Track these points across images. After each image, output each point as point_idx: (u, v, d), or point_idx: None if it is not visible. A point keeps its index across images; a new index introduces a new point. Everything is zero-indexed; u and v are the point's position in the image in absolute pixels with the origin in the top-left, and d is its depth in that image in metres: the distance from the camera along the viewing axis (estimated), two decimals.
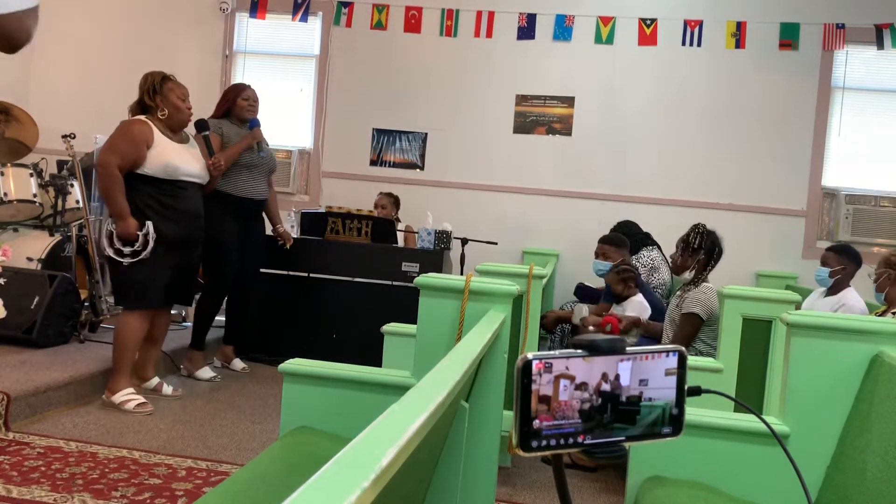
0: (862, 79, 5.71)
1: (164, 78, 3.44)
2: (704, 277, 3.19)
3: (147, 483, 2.47)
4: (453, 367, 1.07)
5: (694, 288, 3.16)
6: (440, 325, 1.91)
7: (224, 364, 4.27)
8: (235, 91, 4.12)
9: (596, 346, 0.75)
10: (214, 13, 6.27)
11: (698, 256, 3.19)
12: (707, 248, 3.19)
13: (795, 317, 1.73)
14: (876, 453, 1.49)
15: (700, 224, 3.29)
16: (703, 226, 3.27)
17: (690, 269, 3.20)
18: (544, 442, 0.72)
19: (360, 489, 0.50)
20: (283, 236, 4.43)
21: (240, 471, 1.57)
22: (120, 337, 3.33)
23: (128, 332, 3.33)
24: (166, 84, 3.43)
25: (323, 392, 1.88)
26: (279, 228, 4.42)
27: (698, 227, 3.25)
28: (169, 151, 3.36)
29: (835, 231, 5.63)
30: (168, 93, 3.42)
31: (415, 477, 1.30)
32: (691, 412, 1.64)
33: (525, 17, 5.94)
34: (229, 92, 4.17)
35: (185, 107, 3.48)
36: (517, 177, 5.96)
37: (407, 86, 6.09)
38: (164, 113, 3.41)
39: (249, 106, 4.06)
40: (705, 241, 3.19)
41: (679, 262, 3.24)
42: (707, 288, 3.15)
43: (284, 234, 4.44)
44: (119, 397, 3.28)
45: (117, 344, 3.33)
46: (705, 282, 3.19)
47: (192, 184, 3.49)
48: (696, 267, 3.19)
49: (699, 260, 3.19)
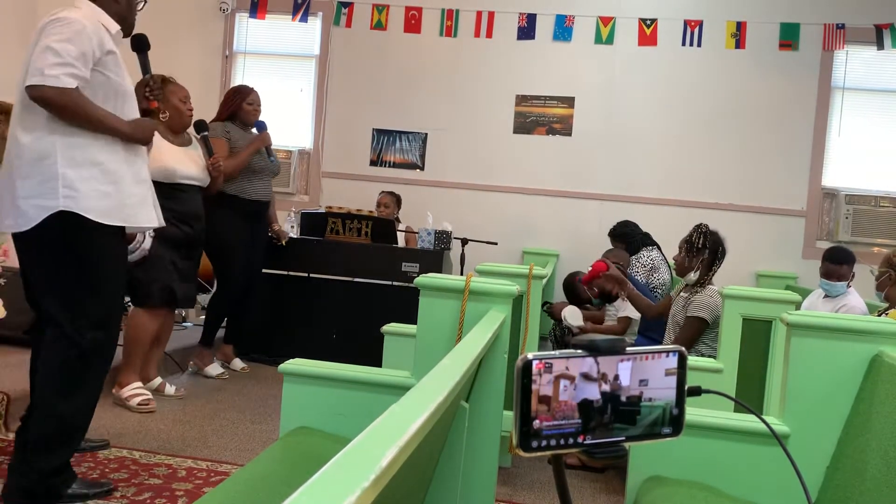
0: (862, 79, 5.71)
1: (165, 80, 3.44)
2: (710, 279, 3.18)
3: (147, 483, 2.47)
4: (453, 368, 1.07)
5: (700, 290, 3.14)
6: (440, 325, 1.91)
7: (224, 364, 4.28)
8: (240, 95, 4.11)
9: (596, 346, 0.75)
10: (214, 13, 6.27)
11: (702, 256, 3.17)
12: (711, 248, 3.17)
13: (795, 317, 1.73)
14: (876, 453, 1.49)
15: (703, 224, 3.27)
16: (705, 226, 3.25)
17: (695, 270, 3.18)
18: (544, 442, 0.72)
19: (360, 489, 0.50)
20: (280, 234, 4.48)
21: (240, 471, 1.57)
22: (130, 333, 3.38)
23: (136, 328, 3.39)
24: (167, 86, 3.41)
25: (323, 392, 1.88)
26: (275, 226, 4.47)
27: (701, 228, 3.24)
28: (166, 155, 3.36)
29: (835, 231, 5.63)
30: (169, 95, 3.41)
31: (415, 477, 1.30)
32: (691, 412, 1.64)
33: (525, 18, 5.94)
34: (233, 95, 4.15)
35: (186, 108, 3.48)
36: (517, 177, 5.96)
37: (407, 86, 6.09)
38: (165, 115, 3.41)
39: (254, 110, 4.09)
40: (708, 241, 3.18)
41: (684, 264, 3.22)
42: (713, 291, 3.14)
43: (281, 233, 4.49)
44: (127, 391, 3.33)
45: (127, 340, 3.38)
46: (710, 284, 3.18)
47: (192, 186, 3.50)
48: (701, 268, 3.18)
49: (703, 260, 3.17)
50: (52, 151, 2.22)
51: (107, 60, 2.31)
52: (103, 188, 2.29)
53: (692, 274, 3.18)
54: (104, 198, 2.29)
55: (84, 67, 2.22)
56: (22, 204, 2.19)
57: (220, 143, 3.88)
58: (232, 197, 3.96)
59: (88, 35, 2.23)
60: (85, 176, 2.26)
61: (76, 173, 2.24)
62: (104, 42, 2.29)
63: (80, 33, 2.22)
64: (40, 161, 2.21)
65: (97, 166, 2.29)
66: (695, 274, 3.18)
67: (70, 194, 2.21)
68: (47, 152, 2.21)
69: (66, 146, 2.24)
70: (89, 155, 2.28)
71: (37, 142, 2.22)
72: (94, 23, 2.29)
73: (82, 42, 2.22)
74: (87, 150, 2.28)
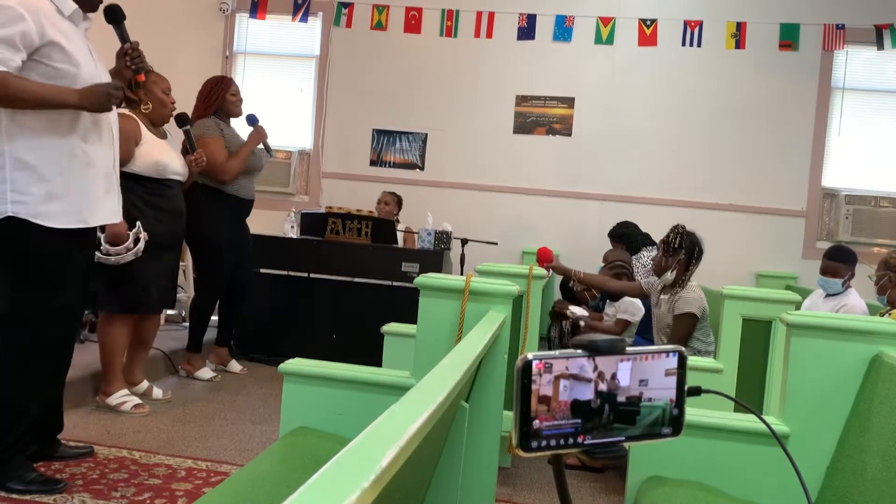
0: (862, 79, 5.71)
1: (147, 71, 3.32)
2: (688, 278, 3.23)
3: (147, 483, 2.47)
4: (453, 368, 1.07)
5: (681, 290, 3.20)
6: (440, 325, 1.91)
7: (220, 366, 4.19)
8: (222, 86, 3.92)
9: (596, 346, 0.75)
10: (214, 13, 6.27)
11: (679, 257, 3.22)
12: (687, 249, 3.22)
13: (795, 317, 1.73)
14: (876, 453, 1.49)
15: (679, 225, 3.32)
16: (682, 226, 3.30)
17: (672, 270, 3.23)
18: (544, 442, 0.72)
19: (360, 489, 0.50)
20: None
21: (240, 471, 1.57)
22: (102, 341, 3.24)
23: (108, 336, 3.23)
24: (150, 77, 3.20)
25: (323, 392, 1.88)
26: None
27: (678, 228, 3.29)
28: (157, 149, 3.24)
29: (835, 231, 5.63)
30: (152, 86, 3.28)
31: (415, 477, 1.30)
32: (691, 412, 1.64)
33: (525, 18, 5.94)
34: (214, 87, 3.93)
35: (169, 101, 3.37)
36: (517, 177, 5.97)
37: (407, 86, 6.10)
38: (147, 107, 3.28)
39: (238, 100, 3.96)
40: (685, 241, 3.22)
41: (661, 264, 3.27)
42: (694, 286, 3.23)
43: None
44: (115, 399, 3.23)
45: (101, 348, 3.25)
46: (689, 282, 3.23)
47: (178, 182, 3.37)
48: (678, 268, 3.22)
49: (680, 260, 3.22)
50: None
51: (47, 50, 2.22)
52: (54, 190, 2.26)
53: (669, 274, 3.23)
54: (53, 200, 2.25)
55: (10, 52, 2.14)
56: None
57: (217, 141, 3.77)
58: (229, 196, 3.86)
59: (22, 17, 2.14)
60: (34, 179, 2.22)
61: (25, 177, 2.21)
62: (45, 27, 2.19)
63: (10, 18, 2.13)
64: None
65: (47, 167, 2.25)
66: (671, 274, 3.22)
67: (19, 199, 2.20)
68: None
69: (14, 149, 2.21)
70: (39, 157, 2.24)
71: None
72: (34, 8, 2.17)
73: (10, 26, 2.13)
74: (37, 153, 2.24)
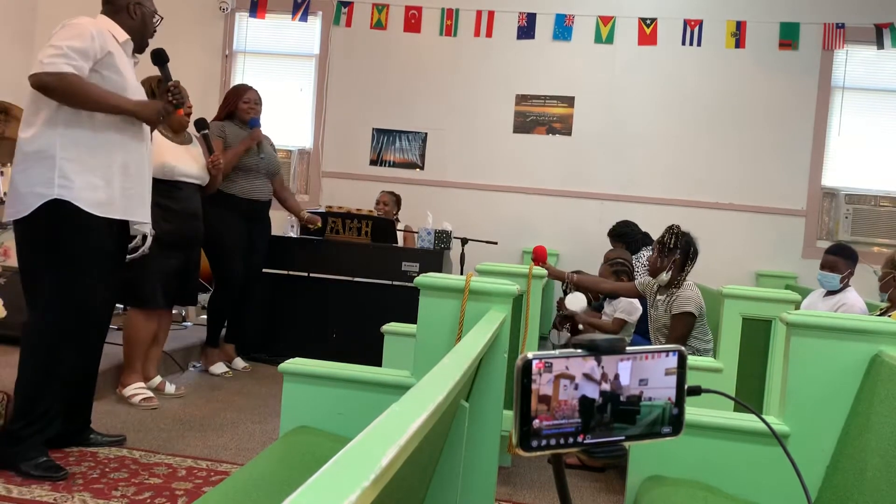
0: (862, 79, 5.71)
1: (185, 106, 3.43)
2: (683, 278, 3.23)
3: (147, 483, 2.47)
4: (453, 367, 1.07)
5: (677, 290, 3.20)
6: (440, 325, 1.91)
7: (227, 363, 4.30)
8: (236, 94, 4.19)
9: (596, 346, 0.75)
10: (214, 13, 6.27)
11: (674, 257, 3.21)
12: (683, 249, 3.22)
13: (795, 317, 1.73)
14: (876, 453, 1.49)
15: (674, 225, 3.31)
16: (677, 227, 3.30)
17: (667, 271, 3.23)
18: (544, 442, 0.72)
19: (360, 489, 0.50)
20: (311, 220, 4.45)
21: (240, 471, 1.57)
22: (127, 334, 3.45)
23: (132, 329, 3.44)
24: None
25: (323, 392, 1.88)
26: (303, 215, 4.44)
27: (673, 229, 3.28)
28: (166, 152, 3.39)
29: (835, 231, 5.63)
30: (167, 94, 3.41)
31: (415, 476, 1.30)
32: (691, 412, 1.64)
33: (525, 17, 5.94)
34: (230, 94, 4.24)
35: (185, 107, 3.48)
36: (517, 177, 5.97)
37: (407, 86, 6.10)
38: None
39: (249, 108, 4.13)
40: (680, 241, 3.22)
41: (656, 264, 3.27)
42: (691, 286, 3.23)
43: (311, 219, 4.46)
44: (129, 391, 3.40)
45: (126, 341, 3.46)
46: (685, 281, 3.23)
47: (190, 184, 3.53)
48: (673, 268, 3.22)
49: (675, 261, 3.21)
50: (51, 146, 2.39)
51: (106, 61, 2.46)
52: (97, 182, 2.45)
53: (664, 274, 3.23)
54: (97, 190, 2.45)
55: (82, 61, 2.37)
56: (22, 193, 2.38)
57: (216, 142, 3.90)
58: (228, 196, 4.00)
59: (91, 36, 2.40)
60: (79, 170, 2.42)
61: (72, 167, 2.40)
62: (106, 44, 2.46)
63: (82, 34, 2.39)
64: (40, 154, 2.38)
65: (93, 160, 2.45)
66: (667, 274, 3.22)
67: (65, 184, 2.39)
68: (47, 147, 2.39)
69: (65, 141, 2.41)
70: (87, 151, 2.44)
71: (37, 137, 2.40)
72: (100, 29, 2.46)
73: (83, 40, 2.38)
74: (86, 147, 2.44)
